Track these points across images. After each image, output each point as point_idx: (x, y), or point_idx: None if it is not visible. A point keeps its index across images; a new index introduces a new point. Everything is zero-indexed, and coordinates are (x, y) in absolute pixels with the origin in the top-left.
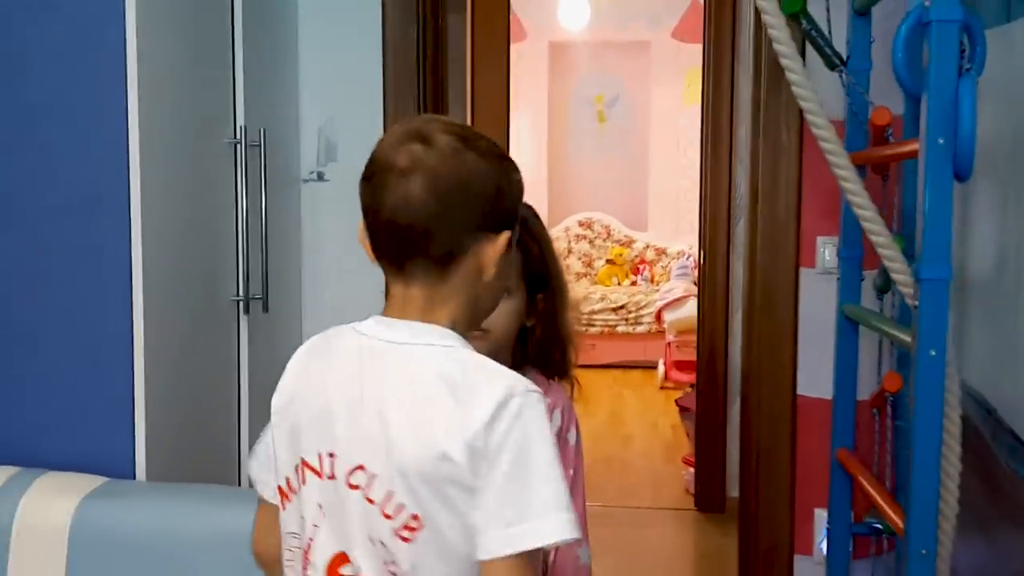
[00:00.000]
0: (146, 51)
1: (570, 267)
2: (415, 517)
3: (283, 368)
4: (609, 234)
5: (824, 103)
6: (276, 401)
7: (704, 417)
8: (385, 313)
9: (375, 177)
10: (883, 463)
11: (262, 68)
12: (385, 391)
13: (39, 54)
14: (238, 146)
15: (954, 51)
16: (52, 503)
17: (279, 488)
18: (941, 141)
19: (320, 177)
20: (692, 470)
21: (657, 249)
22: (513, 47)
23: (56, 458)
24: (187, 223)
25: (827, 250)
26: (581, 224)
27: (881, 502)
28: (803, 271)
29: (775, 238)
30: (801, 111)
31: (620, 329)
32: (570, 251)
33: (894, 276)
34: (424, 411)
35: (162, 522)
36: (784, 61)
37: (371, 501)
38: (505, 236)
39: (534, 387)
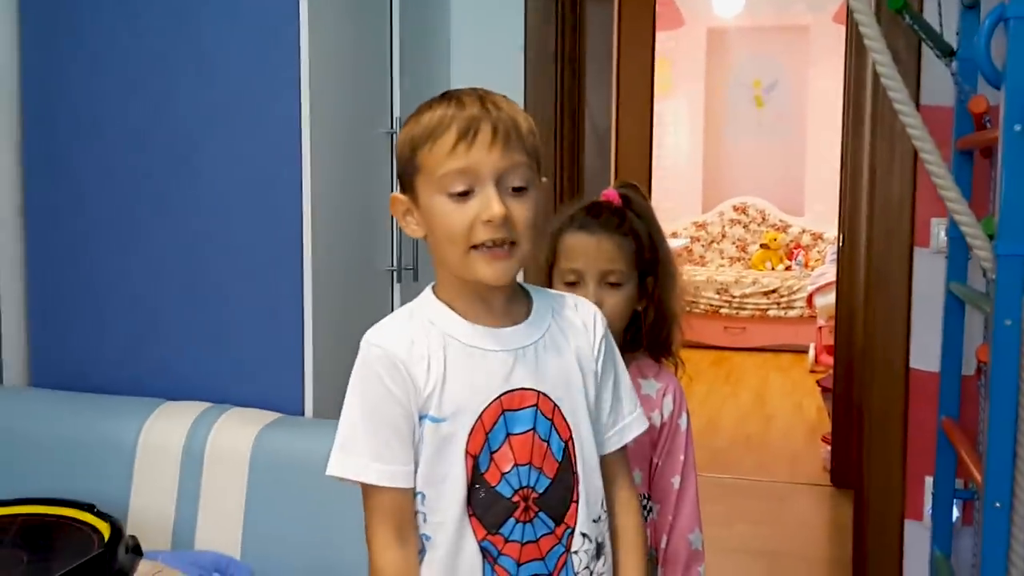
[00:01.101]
0: (316, 51)
1: (724, 251)
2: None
3: None
4: (764, 219)
5: (937, 91)
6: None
7: (841, 396)
8: None
9: None
10: (980, 431)
11: (416, 65)
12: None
13: (225, 55)
14: (393, 136)
15: None
16: (237, 432)
17: None
18: (1017, 128)
19: None
20: (830, 448)
21: (813, 234)
22: (670, 33)
23: (240, 397)
24: (348, 202)
25: (940, 231)
26: (736, 209)
27: (970, 464)
28: (917, 251)
29: (890, 219)
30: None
31: (771, 313)
32: (724, 235)
33: (975, 252)
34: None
35: (324, 449)
36: (873, 54)
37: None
38: (391, 196)
39: (371, 339)
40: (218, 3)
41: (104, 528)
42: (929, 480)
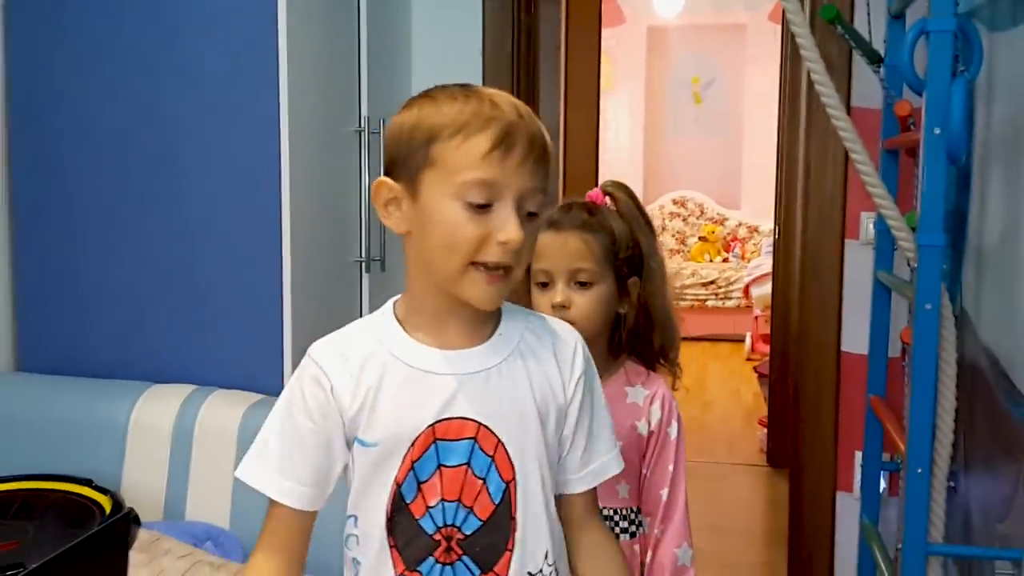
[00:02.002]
0: (294, 53)
1: (664, 244)
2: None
3: None
4: (702, 212)
5: (866, 95)
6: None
7: (777, 381)
8: None
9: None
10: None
11: (381, 66)
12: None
13: (206, 58)
14: (361, 133)
15: (948, 56)
16: (225, 411)
17: None
18: (937, 131)
19: None
20: (766, 430)
21: (749, 227)
22: (612, 31)
23: (223, 380)
24: (321, 197)
25: (869, 224)
26: (675, 202)
27: (896, 437)
28: (848, 242)
29: (823, 213)
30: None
31: (710, 303)
32: (664, 228)
33: (900, 243)
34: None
35: None
36: (808, 63)
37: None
38: (378, 181)
39: (311, 351)
40: (200, 8)
41: (104, 500)
42: (859, 455)
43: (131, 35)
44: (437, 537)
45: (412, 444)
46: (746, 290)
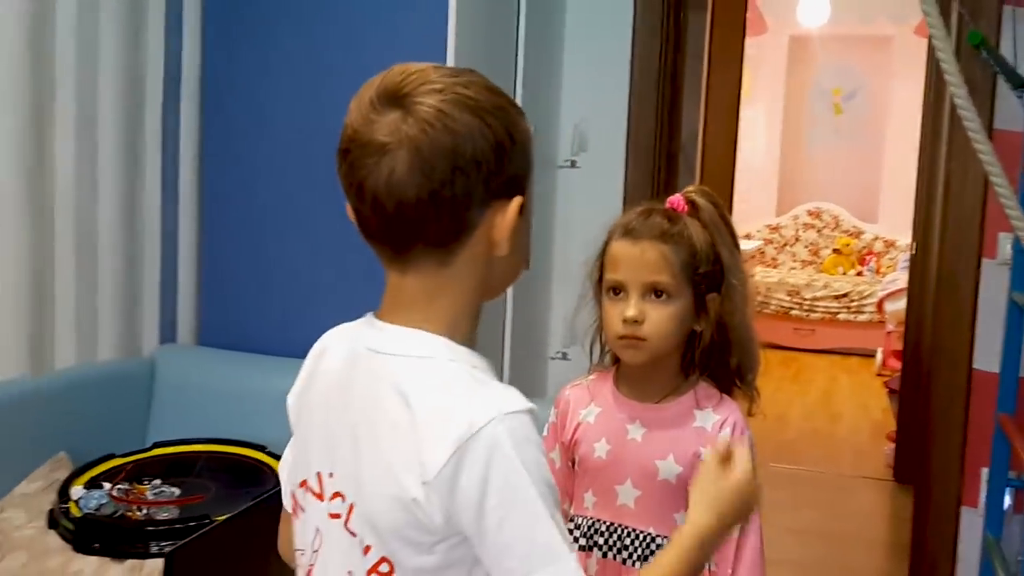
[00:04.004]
0: (460, 62)
1: (796, 254)
2: (384, 560)
3: (533, 329)
4: (837, 224)
5: (1009, 118)
6: (289, 403)
7: (907, 396)
8: (380, 309)
9: (350, 153)
10: None
11: (536, 73)
12: (359, 409)
13: (382, 62)
14: None
15: None
16: None
17: (292, 498)
18: None
19: (573, 164)
20: (894, 445)
21: (886, 241)
22: (754, 40)
23: None
24: None
25: (1007, 244)
26: (810, 213)
27: (1023, 455)
28: (984, 261)
29: (961, 231)
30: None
31: (841, 317)
32: (797, 239)
33: None
34: (387, 442)
35: None
36: (951, 87)
37: (352, 534)
38: (517, 202)
39: (515, 406)
40: (378, 15)
41: (275, 465)
42: (985, 471)
43: (315, 38)
44: None
45: None
46: (880, 305)
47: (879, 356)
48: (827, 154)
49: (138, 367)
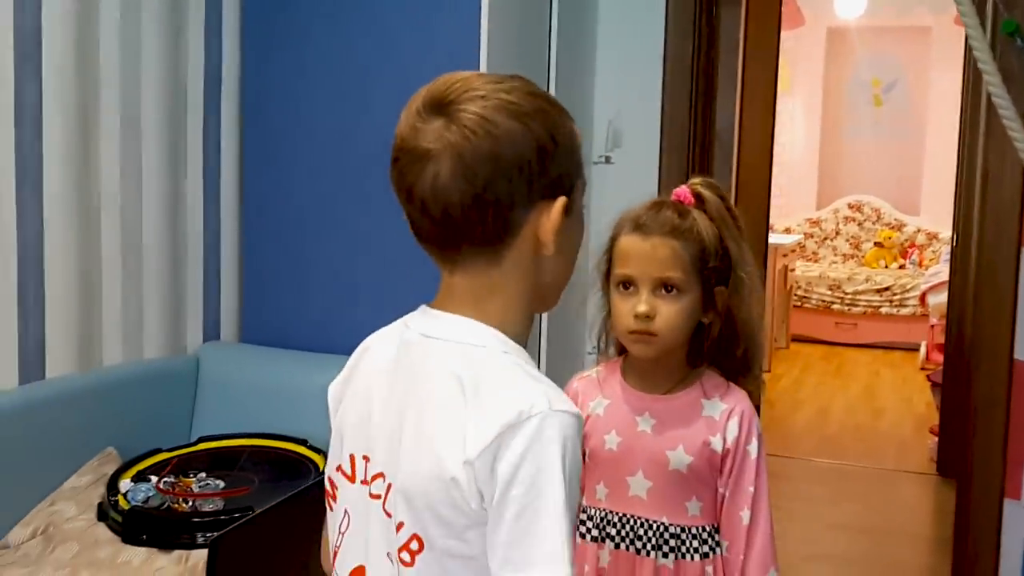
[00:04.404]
0: (492, 60)
1: (837, 248)
2: (415, 538)
3: (569, 325)
4: (879, 217)
5: None
6: (329, 393)
7: (950, 389)
8: (432, 303)
9: (399, 161)
10: None
11: (569, 70)
12: (407, 391)
13: (418, 66)
14: None
15: None
16: None
17: (329, 483)
18: None
19: (607, 160)
20: (937, 439)
21: (929, 233)
22: (791, 33)
23: None
24: None
25: None
26: (851, 207)
27: None
28: None
29: (1000, 221)
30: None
31: (884, 311)
32: (838, 232)
33: None
34: (432, 420)
35: None
36: (986, 76)
37: (388, 514)
38: (561, 202)
39: (565, 406)
40: (413, 18)
41: (317, 459)
42: None
43: (351, 40)
44: None
45: None
46: (923, 298)
47: (923, 350)
48: (867, 146)
49: (183, 364)
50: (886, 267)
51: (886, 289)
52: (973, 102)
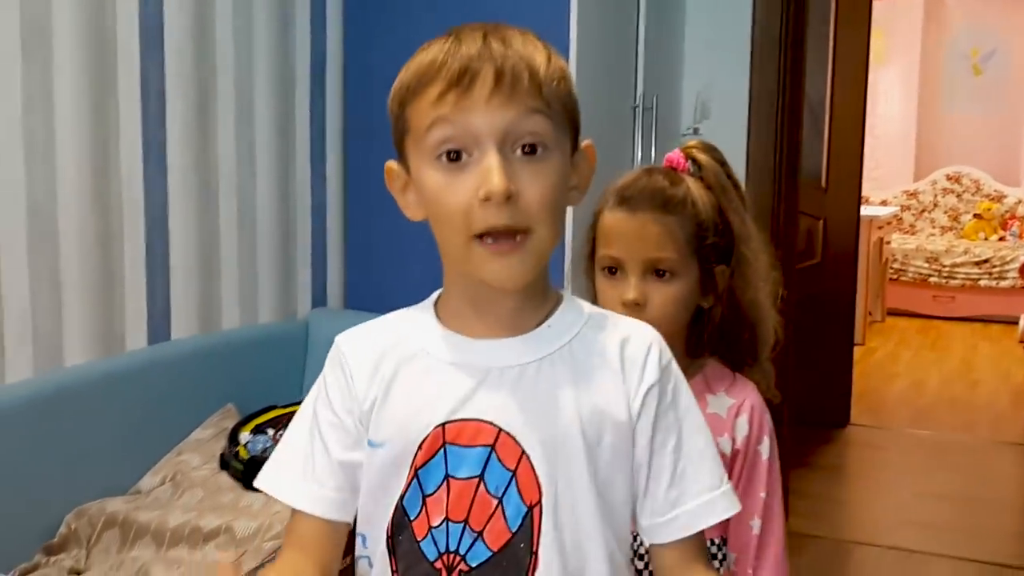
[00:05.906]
0: (582, 42)
1: (935, 220)
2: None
3: None
4: (978, 189)
5: None
6: None
7: None
8: None
9: None
10: None
11: (658, 46)
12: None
13: None
14: (636, 109)
15: None
16: None
17: (418, 448)
18: None
19: (695, 132)
20: None
21: None
22: (886, 3)
23: None
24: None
25: None
26: (949, 178)
27: None
28: None
29: None
30: None
31: (982, 283)
32: (936, 204)
33: None
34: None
35: None
36: None
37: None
38: (386, 166)
39: (338, 337)
40: (504, 9)
41: None
42: None
43: (448, 26)
44: (438, 565)
45: (419, 447)
46: (1022, 270)
47: (1022, 323)
48: (966, 116)
49: (294, 328)
50: (986, 239)
51: (985, 261)
52: None
